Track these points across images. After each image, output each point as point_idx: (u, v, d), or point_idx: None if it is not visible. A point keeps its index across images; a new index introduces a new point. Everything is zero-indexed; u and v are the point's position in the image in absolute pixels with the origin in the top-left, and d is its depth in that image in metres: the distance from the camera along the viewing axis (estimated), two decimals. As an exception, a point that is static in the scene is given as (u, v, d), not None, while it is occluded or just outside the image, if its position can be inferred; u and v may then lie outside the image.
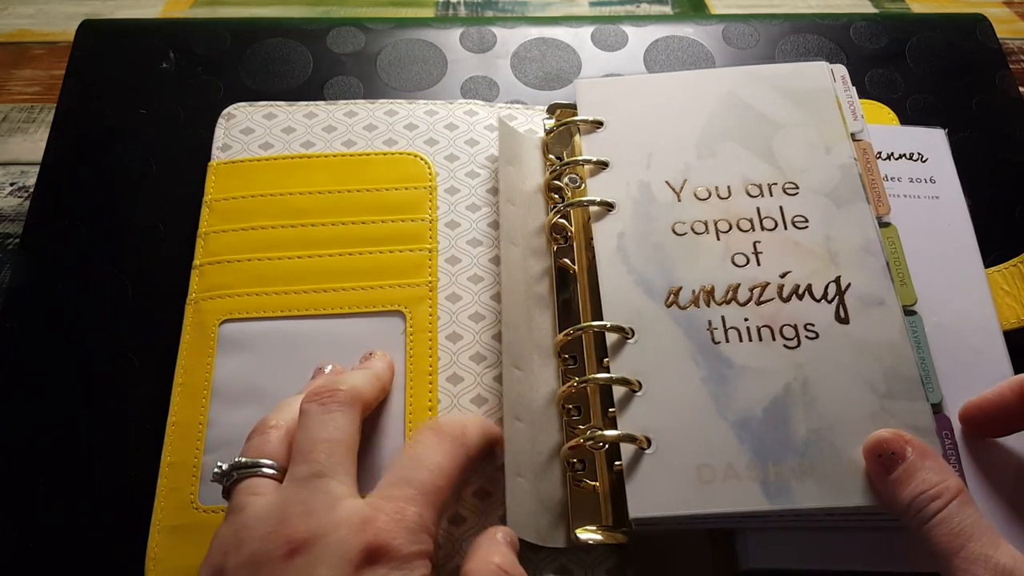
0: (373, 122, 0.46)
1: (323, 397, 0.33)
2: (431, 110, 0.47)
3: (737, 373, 0.34)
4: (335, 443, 0.32)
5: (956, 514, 0.29)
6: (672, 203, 0.39)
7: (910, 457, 0.31)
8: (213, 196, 0.44)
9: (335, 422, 0.33)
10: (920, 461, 0.31)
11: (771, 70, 0.43)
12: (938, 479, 0.30)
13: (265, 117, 0.47)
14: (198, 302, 0.41)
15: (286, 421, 0.34)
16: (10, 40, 0.63)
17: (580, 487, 0.35)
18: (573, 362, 0.38)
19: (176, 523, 0.36)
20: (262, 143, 0.45)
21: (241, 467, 0.32)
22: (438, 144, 0.45)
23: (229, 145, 0.45)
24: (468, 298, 0.40)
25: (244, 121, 0.46)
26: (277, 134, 0.46)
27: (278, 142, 0.45)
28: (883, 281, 0.36)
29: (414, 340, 0.39)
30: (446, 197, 0.43)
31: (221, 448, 0.37)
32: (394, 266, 0.41)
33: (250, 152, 0.45)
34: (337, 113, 0.47)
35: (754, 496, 0.32)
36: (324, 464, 0.31)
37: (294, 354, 0.39)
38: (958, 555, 0.28)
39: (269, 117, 0.46)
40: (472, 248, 0.42)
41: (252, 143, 0.46)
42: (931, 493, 0.29)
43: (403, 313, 0.40)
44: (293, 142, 0.45)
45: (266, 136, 0.46)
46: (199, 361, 0.39)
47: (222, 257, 0.42)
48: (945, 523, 0.29)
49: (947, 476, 0.30)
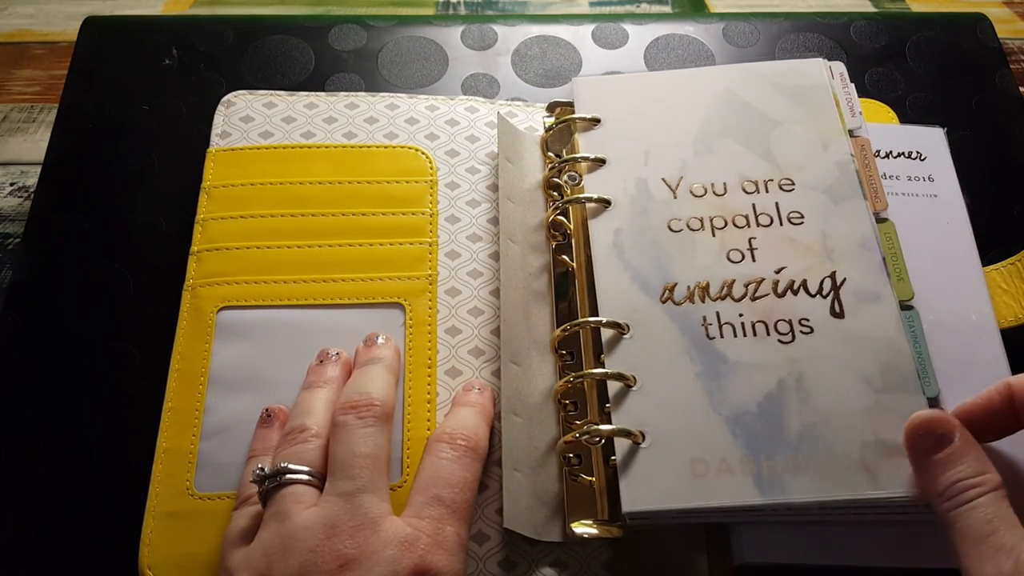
0: (374, 115, 0.46)
1: (360, 411, 0.34)
2: (432, 105, 0.47)
3: (731, 368, 0.35)
4: (374, 459, 0.33)
5: (992, 504, 0.29)
6: (668, 200, 0.39)
7: (957, 441, 0.31)
8: (212, 183, 0.43)
9: (373, 437, 0.33)
10: (966, 448, 0.31)
11: (768, 67, 0.43)
12: (982, 468, 0.30)
13: (265, 106, 0.47)
14: (195, 288, 0.40)
15: (322, 428, 0.35)
16: (10, 40, 0.63)
17: (576, 482, 0.35)
18: (571, 358, 0.38)
19: (171, 509, 0.35)
20: (262, 132, 0.46)
21: (285, 472, 0.33)
22: (439, 139, 0.45)
23: (228, 132, 0.45)
24: (467, 293, 0.41)
25: (244, 109, 0.46)
26: (277, 123, 0.46)
27: (278, 131, 0.46)
28: (879, 276, 0.36)
29: (413, 333, 0.39)
30: (446, 192, 0.44)
31: (217, 435, 0.37)
32: (394, 259, 0.41)
33: (250, 140, 0.45)
34: (338, 105, 0.47)
35: (747, 490, 0.32)
36: (367, 480, 0.32)
37: (293, 343, 0.39)
38: (986, 541, 0.28)
39: (269, 106, 0.47)
40: (472, 243, 0.42)
41: (252, 131, 0.46)
42: (973, 481, 0.29)
43: (403, 305, 0.40)
44: (293, 132, 0.46)
45: (266, 125, 0.46)
46: (196, 348, 0.39)
47: (220, 244, 0.42)
48: (979, 509, 0.29)
49: (990, 468, 0.30)
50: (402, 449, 0.36)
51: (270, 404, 0.37)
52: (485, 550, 0.35)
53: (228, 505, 0.35)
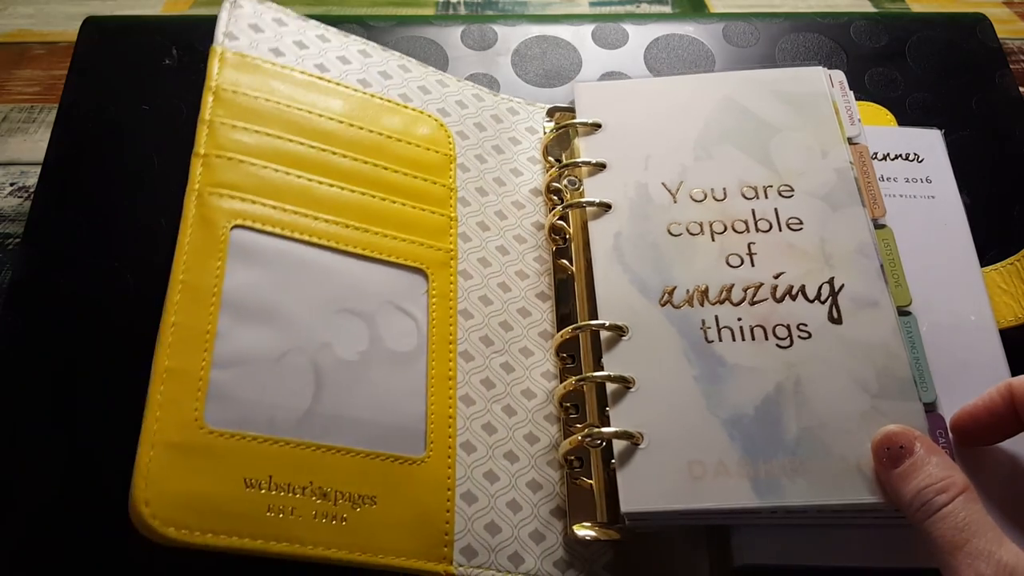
0: (387, 71, 0.45)
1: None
2: (442, 80, 0.46)
3: (729, 372, 0.35)
4: None
5: (961, 509, 0.29)
6: (668, 204, 0.39)
7: (918, 452, 0.31)
8: (220, 84, 0.40)
9: None
10: (927, 456, 0.31)
11: (769, 75, 0.43)
12: (944, 474, 0.30)
13: (276, 21, 0.44)
14: (204, 196, 0.37)
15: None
16: (10, 40, 0.63)
17: (577, 484, 0.36)
18: (571, 360, 0.39)
19: (176, 440, 0.31)
20: (272, 48, 0.43)
21: None
22: (450, 117, 0.45)
23: (236, 36, 0.42)
24: (478, 279, 0.40)
25: (252, 16, 0.43)
26: (288, 44, 0.43)
27: (290, 53, 0.43)
28: (877, 283, 0.36)
29: (437, 305, 0.38)
30: (459, 173, 0.43)
31: (233, 366, 0.34)
32: (418, 223, 0.40)
33: (260, 52, 0.42)
34: (351, 47, 0.45)
35: (744, 493, 0.32)
36: None
37: (315, 286, 0.37)
38: (962, 550, 0.28)
39: (279, 23, 0.44)
40: (481, 231, 0.42)
41: (261, 43, 0.42)
42: (936, 487, 0.29)
43: (425, 273, 0.39)
44: (306, 59, 0.43)
45: (276, 42, 0.43)
46: (205, 262, 0.35)
47: (231, 154, 0.38)
48: (950, 518, 0.29)
49: (953, 472, 0.30)
50: (426, 423, 0.36)
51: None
52: (497, 541, 0.35)
53: (248, 447, 0.32)
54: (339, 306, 0.37)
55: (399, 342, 0.37)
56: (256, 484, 0.31)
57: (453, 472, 0.35)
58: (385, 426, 0.35)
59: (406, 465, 0.35)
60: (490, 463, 0.36)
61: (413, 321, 0.38)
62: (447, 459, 0.35)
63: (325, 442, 0.34)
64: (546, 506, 0.36)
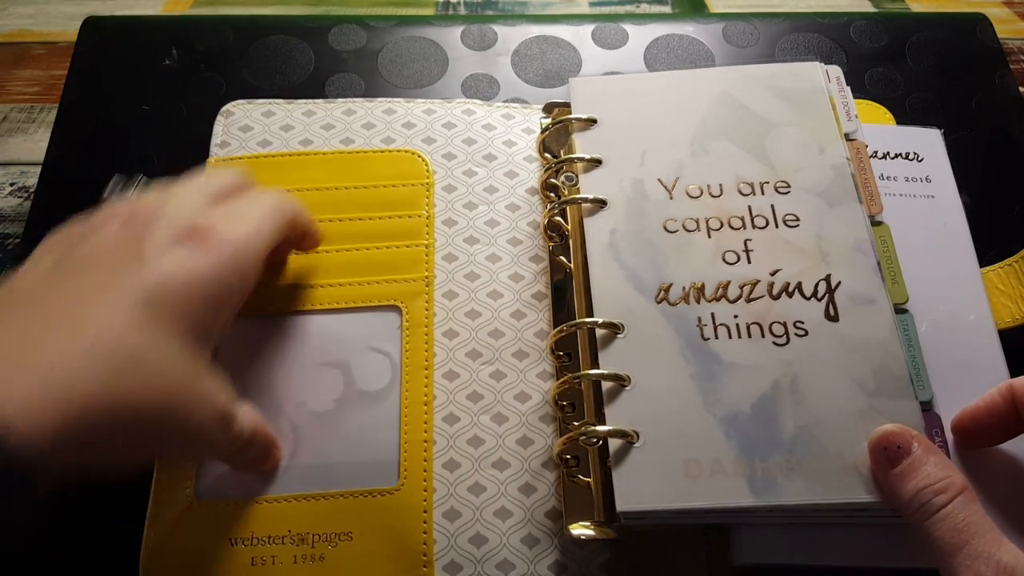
0: (371, 120, 0.47)
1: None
2: (429, 109, 0.47)
3: (726, 369, 0.35)
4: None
5: (960, 510, 0.29)
6: (664, 200, 0.39)
7: (915, 452, 0.31)
8: None
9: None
10: (925, 456, 0.31)
11: (765, 70, 0.43)
12: (943, 475, 0.30)
13: (264, 115, 0.47)
14: None
15: None
16: (10, 40, 0.63)
17: (574, 483, 0.35)
18: (568, 359, 0.38)
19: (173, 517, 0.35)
20: (260, 140, 0.46)
21: None
22: (436, 143, 0.46)
23: (228, 142, 0.46)
24: (465, 295, 0.41)
25: (243, 119, 0.47)
26: (276, 132, 0.46)
27: (276, 139, 0.46)
28: (874, 280, 0.36)
29: (410, 335, 0.40)
30: (443, 195, 0.44)
31: None
32: (390, 262, 0.42)
33: (248, 149, 0.45)
34: (336, 111, 0.47)
35: (740, 492, 0.32)
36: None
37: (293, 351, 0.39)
38: (961, 551, 0.28)
39: (268, 115, 0.47)
40: (469, 246, 0.42)
41: (250, 140, 0.46)
42: (935, 488, 0.29)
43: (399, 308, 0.40)
44: (291, 140, 0.46)
45: (264, 134, 0.46)
46: None
47: None
48: (949, 519, 0.29)
49: (951, 472, 0.30)
50: (399, 452, 0.37)
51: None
52: (483, 552, 0.35)
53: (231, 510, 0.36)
54: (316, 362, 0.39)
55: (372, 382, 0.39)
56: (239, 541, 0.35)
57: (430, 495, 0.36)
58: (359, 464, 0.37)
59: (379, 497, 0.36)
60: (476, 476, 0.37)
61: (387, 358, 0.39)
62: (422, 483, 0.36)
63: (300, 492, 0.36)
64: (540, 509, 0.36)
